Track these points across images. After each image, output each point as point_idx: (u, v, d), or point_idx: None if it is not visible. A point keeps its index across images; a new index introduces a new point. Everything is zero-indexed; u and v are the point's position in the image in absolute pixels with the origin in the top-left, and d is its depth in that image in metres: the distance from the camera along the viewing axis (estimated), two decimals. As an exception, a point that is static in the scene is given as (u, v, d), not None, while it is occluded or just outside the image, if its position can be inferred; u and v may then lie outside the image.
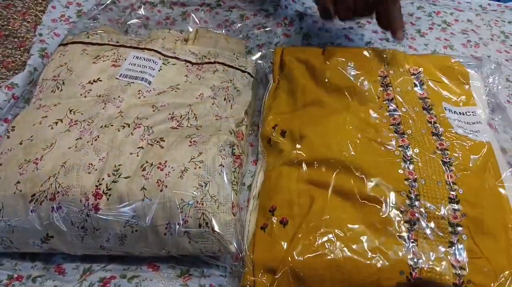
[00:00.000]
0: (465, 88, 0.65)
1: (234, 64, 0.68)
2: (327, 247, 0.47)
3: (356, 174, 0.52)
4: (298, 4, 0.89)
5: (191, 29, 0.77)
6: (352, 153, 0.54)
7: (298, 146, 0.56)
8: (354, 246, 0.47)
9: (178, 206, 0.48)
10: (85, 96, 0.58)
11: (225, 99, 0.62)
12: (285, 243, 0.48)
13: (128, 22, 0.77)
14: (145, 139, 0.54)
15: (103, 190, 0.49)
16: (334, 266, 0.46)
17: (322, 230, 0.48)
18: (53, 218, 0.48)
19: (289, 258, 0.46)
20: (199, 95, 0.62)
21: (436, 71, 0.66)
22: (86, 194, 0.48)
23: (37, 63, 0.70)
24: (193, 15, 0.81)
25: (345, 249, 0.47)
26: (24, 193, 0.49)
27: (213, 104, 0.61)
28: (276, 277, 0.46)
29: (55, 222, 0.48)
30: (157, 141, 0.53)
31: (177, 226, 0.48)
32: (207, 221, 0.48)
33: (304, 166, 0.55)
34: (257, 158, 0.62)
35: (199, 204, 0.48)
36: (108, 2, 0.77)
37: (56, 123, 0.55)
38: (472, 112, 0.62)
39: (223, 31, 0.79)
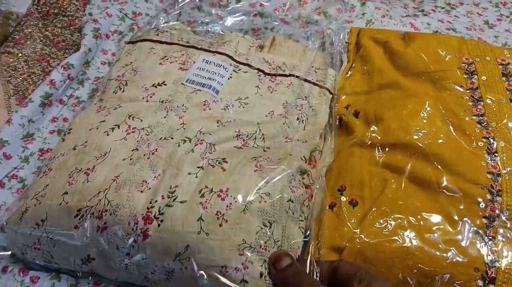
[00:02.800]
0: None
1: (311, 79, 0.60)
2: (399, 233, 0.45)
3: (435, 162, 0.49)
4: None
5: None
6: (431, 139, 0.51)
7: (373, 128, 0.54)
8: (427, 236, 0.44)
9: (238, 247, 0.41)
10: (147, 101, 0.53)
11: (298, 119, 0.54)
12: (354, 224, 0.46)
13: (180, 4, 0.71)
14: (206, 157, 0.47)
15: (155, 214, 0.43)
16: (405, 254, 0.44)
17: (395, 215, 0.46)
18: (97, 238, 0.43)
19: (358, 239, 0.45)
20: (269, 113, 0.54)
21: None
22: (136, 216, 0.43)
23: (91, 44, 0.66)
24: None
25: (417, 237, 0.44)
26: (70, 206, 0.44)
27: (283, 124, 0.53)
28: (342, 256, 0.44)
29: (99, 244, 0.43)
30: (219, 163, 0.46)
31: (234, 271, 0.40)
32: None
33: (378, 148, 0.52)
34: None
35: (262, 248, 0.41)
36: None
37: (113, 129, 0.50)
38: None
39: (280, 15, 0.72)
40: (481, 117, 0.53)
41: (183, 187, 0.44)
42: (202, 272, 0.41)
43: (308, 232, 0.47)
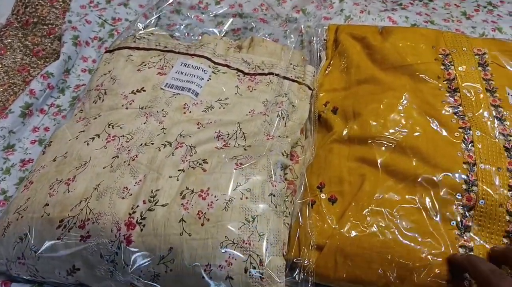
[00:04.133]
0: None
1: (290, 76, 0.60)
2: (377, 227, 0.45)
3: (411, 154, 0.49)
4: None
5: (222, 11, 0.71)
6: (408, 132, 0.51)
7: (350, 123, 0.53)
8: (405, 229, 0.45)
9: (221, 244, 0.40)
10: (126, 108, 0.53)
11: (278, 116, 0.54)
12: (333, 221, 0.46)
13: (160, 8, 0.71)
14: (186, 160, 0.47)
15: (137, 219, 0.42)
16: (384, 247, 0.44)
17: (372, 209, 0.46)
18: (81, 248, 0.42)
19: (337, 236, 0.45)
20: (249, 112, 0.54)
21: (501, 55, 0.60)
22: (118, 223, 0.42)
23: (70, 51, 0.66)
24: None
25: (395, 231, 0.45)
26: (52, 217, 0.44)
27: (264, 121, 0.53)
28: (322, 253, 0.44)
29: (83, 253, 0.42)
30: (200, 164, 0.46)
31: (218, 269, 0.40)
32: (254, 265, 0.40)
33: (356, 143, 0.52)
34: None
35: (246, 243, 0.40)
36: None
37: (93, 138, 0.50)
38: None
39: (260, 13, 0.72)
40: (457, 108, 0.53)
41: (164, 190, 0.44)
42: (186, 271, 0.40)
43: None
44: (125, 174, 0.46)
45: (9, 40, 0.68)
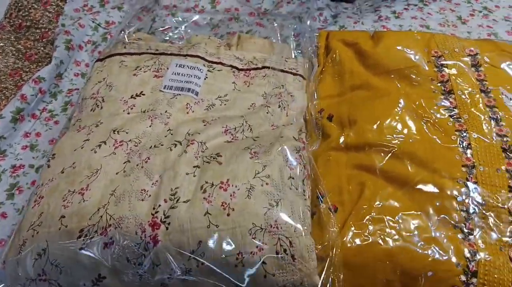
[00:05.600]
0: None
1: (284, 68, 0.61)
2: (378, 235, 0.44)
3: (409, 159, 0.49)
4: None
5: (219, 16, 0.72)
6: (405, 138, 0.51)
7: (347, 131, 0.53)
8: (407, 235, 0.44)
9: (250, 231, 0.41)
10: (128, 113, 0.52)
11: (279, 106, 0.55)
12: (335, 231, 0.45)
13: (155, 12, 0.72)
14: (199, 157, 0.47)
15: (161, 218, 0.42)
16: (386, 255, 0.43)
17: (373, 217, 0.45)
18: (106, 255, 0.42)
19: (339, 246, 0.44)
20: (251, 105, 0.55)
21: (493, 55, 0.61)
22: (142, 225, 0.42)
23: (63, 56, 0.66)
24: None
25: (397, 237, 0.44)
26: (70, 229, 0.43)
27: (267, 113, 0.54)
28: (325, 264, 0.43)
29: (108, 260, 0.42)
30: (214, 158, 0.47)
31: (250, 255, 0.40)
32: (284, 247, 0.41)
33: (353, 150, 0.52)
34: None
35: (273, 227, 0.41)
36: None
37: (100, 146, 0.49)
38: None
39: (255, 19, 0.73)
40: (453, 111, 0.53)
41: (183, 187, 0.44)
42: (218, 263, 0.40)
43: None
44: (140, 177, 0.46)
45: (1, 44, 0.67)
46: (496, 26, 0.76)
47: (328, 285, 0.42)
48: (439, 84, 0.57)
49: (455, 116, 0.53)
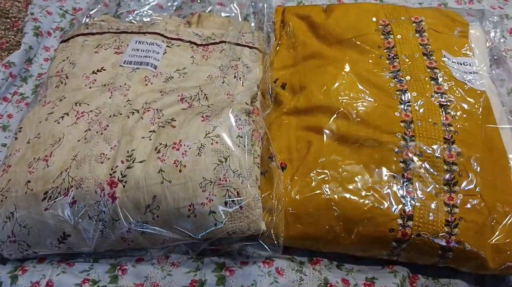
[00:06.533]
0: (464, 39, 0.63)
1: (241, 42, 0.64)
2: (323, 187, 0.48)
3: (353, 119, 0.53)
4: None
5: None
6: (350, 99, 0.55)
7: (297, 96, 0.57)
8: (349, 186, 0.48)
9: (200, 185, 0.44)
10: (90, 87, 0.56)
11: (235, 77, 0.59)
12: (283, 185, 0.49)
13: None
14: (155, 122, 0.50)
15: (118, 177, 0.45)
16: (330, 205, 0.47)
17: (318, 171, 0.50)
18: (69, 214, 0.45)
19: (286, 198, 0.48)
20: (208, 77, 0.59)
21: (437, 22, 0.65)
22: (101, 184, 0.45)
23: (32, 42, 0.69)
24: None
25: (340, 188, 0.48)
26: (36, 192, 0.46)
27: (223, 83, 0.57)
28: (275, 215, 0.47)
29: (71, 218, 0.45)
30: (168, 123, 0.50)
31: (201, 206, 0.44)
32: (232, 198, 0.44)
33: (303, 114, 0.56)
34: None
35: (222, 180, 0.45)
36: None
37: (63, 117, 0.52)
38: (470, 63, 0.60)
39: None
40: (397, 73, 0.57)
41: (139, 149, 0.47)
42: (172, 214, 0.44)
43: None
44: (99, 142, 0.49)
45: None
46: (447, -4, 0.80)
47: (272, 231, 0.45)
48: (385, 50, 0.61)
49: (398, 78, 0.57)
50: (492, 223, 0.48)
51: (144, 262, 0.48)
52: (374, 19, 0.64)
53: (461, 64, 0.60)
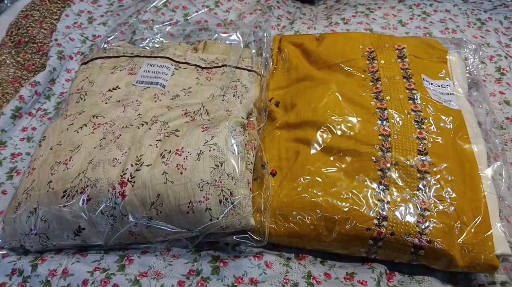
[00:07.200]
0: (443, 64, 0.70)
1: (240, 65, 0.72)
2: (308, 190, 0.54)
3: (336, 132, 0.60)
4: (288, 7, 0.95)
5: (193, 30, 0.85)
6: (334, 115, 0.61)
7: (289, 113, 0.64)
8: (331, 190, 0.54)
9: (198, 185, 0.51)
10: (106, 103, 0.63)
11: (234, 95, 0.66)
12: (273, 189, 0.56)
13: (135, 25, 0.84)
14: (162, 133, 0.58)
15: (128, 178, 0.52)
16: (314, 206, 0.53)
17: (304, 177, 0.56)
18: (84, 210, 0.52)
19: (275, 200, 0.54)
20: (210, 95, 0.66)
21: (418, 49, 0.72)
22: (113, 184, 0.52)
23: (55, 64, 0.79)
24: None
25: (323, 192, 0.54)
26: (56, 191, 0.53)
27: (223, 100, 0.65)
28: (263, 214, 0.53)
29: (86, 214, 0.52)
30: (173, 133, 0.57)
31: (199, 204, 0.50)
32: (226, 197, 0.50)
33: (293, 128, 0.63)
34: None
35: (218, 182, 0.51)
36: (116, 8, 0.83)
37: (81, 128, 0.60)
38: (447, 85, 0.67)
39: (222, 29, 0.85)
40: (378, 93, 0.64)
41: (147, 155, 0.54)
42: (173, 211, 0.50)
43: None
44: (112, 149, 0.56)
45: (3, 57, 0.79)
46: (432, 27, 0.88)
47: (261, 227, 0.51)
48: (369, 74, 0.68)
49: (379, 98, 0.64)
50: (460, 225, 0.53)
51: (149, 253, 0.54)
52: (361, 46, 0.72)
53: (438, 86, 0.67)
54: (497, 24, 0.89)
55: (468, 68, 0.73)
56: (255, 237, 0.51)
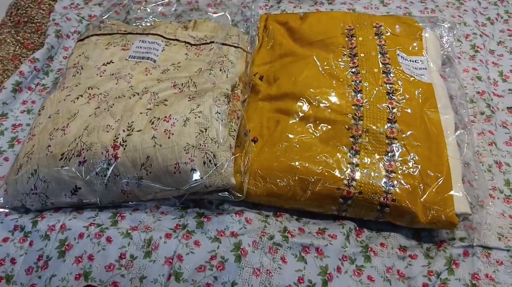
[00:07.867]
0: (417, 41, 0.75)
1: (228, 42, 0.77)
2: (285, 155, 0.59)
3: (314, 103, 0.64)
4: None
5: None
6: (313, 87, 0.66)
7: (271, 86, 0.69)
8: (306, 154, 0.59)
9: (184, 148, 0.56)
10: (100, 76, 0.68)
11: (220, 70, 0.70)
12: (253, 154, 0.61)
13: (129, 6, 0.88)
14: (152, 102, 0.62)
15: (120, 142, 0.57)
16: (289, 168, 0.58)
17: (283, 143, 0.61)
18: (81, 171, 0.57)
19: (256, 163, 0.60)
20: (198, 70, 0.71)
21: (395, 26, 0.76)
22: (106, 147, 0.57)
23: (53, 42, 0.83)
24: None
25: (299, 156, 0.59)
26: (55, 154, 0.58)
27: (210, 74, 0.69)
28: (243, 174, 0.58)
29: (82, 174, 0.57)
30: (162, 102, 0.62)
31: (185, 165, 0.55)
32: (210, 159, 0.55)
33: (275, 99, 0.67)
34: None
35: (202, 145, 0.56)
36: None
37: (78, 98, 0.64)
38: (421, 60, 0.72)
39: (212, 9, 0.89)
40: (355, 68, 0.69)
41: (137, 121, 0.59)
42: (161, 171, 0.55)
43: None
44: (106, 117, 0.61)
45: (3, 36, 0.84)
46: (412, 7, 0.92)
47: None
48: (348, 50, 0.73)
49: (355, 71, 0.69)
50: (424, 186, 0.58)
51: (139, 211, 0.59)
52: (341, 24, 0.76)
53: (412, 61, 0.72)
54: (475, 4, 0.93)
55: (442, 45, 0.78)
56: (235, 193, 0.56)
